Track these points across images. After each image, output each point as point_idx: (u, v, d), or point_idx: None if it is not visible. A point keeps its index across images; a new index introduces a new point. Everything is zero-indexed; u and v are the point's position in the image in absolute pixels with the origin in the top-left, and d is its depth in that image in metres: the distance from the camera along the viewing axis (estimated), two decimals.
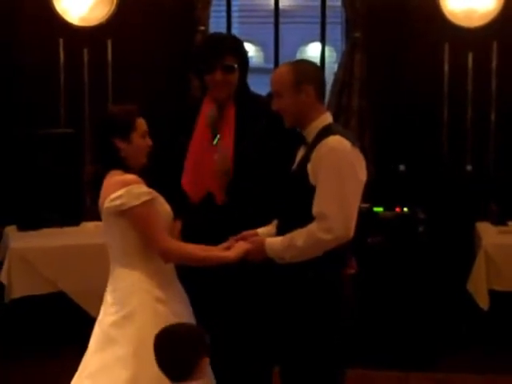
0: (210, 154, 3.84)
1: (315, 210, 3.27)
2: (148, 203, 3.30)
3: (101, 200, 3.38)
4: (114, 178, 3.35)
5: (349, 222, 3.28)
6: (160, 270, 3.36)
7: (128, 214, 3.29)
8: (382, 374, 5.17)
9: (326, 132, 3.36)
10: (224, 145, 3.82)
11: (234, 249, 3.42)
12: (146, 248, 3.33)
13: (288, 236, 3.34)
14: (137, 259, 3.34)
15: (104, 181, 3.38)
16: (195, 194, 3.87)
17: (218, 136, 3.83)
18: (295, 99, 3.38)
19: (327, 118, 3.44)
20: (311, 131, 3.41)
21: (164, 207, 3.43)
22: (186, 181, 3.89)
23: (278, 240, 3.38)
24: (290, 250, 3.31)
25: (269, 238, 3.43)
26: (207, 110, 3.90)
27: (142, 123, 3.41)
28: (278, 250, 3.35)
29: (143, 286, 3.32)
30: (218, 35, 4.21)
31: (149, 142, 3.43)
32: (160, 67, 6.34)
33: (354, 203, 3.32)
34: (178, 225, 3.90)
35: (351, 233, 3.29)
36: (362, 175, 3.37)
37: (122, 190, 3.29)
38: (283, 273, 3.40)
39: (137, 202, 3.28)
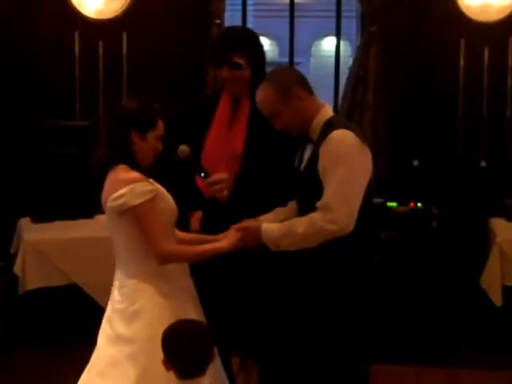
0: (222, 150, 3.84)
1: (319, 201, 3.26)
2: (149, 202, 3.28)
3: (104, 196, 3.37)
4: (119, 174, 3.33)
5: (351, 215, 3.27)
6: (165, 266, 3.35)
7: (129, 213, 3.28)
8: (397, 369, 5.17)
9: (329, 127, 3.33)
10: (235, 141, 3.83)
11: (226, 238, 3.41)
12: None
13: (286, 223, 3.32)
14: (142, 256, 3.33)
15: (109, 174, 3.37)
16: (205, 190, 3.87)
17: (203, 174, 3.80)
18: (291, 109, 3.35)
19: (327, 112, 3.41)
20: (315, 128, 3.38)
21: (168, 203, 3.41)
22: (200, 180, 3.88)
23: (275, 226, 3.36)
24: (287, 237, 3.30)
25: (265, 223, 3.41)
26: (224, 105, 3.89)
27: (161, 126, 3.39)
28: (274, 237, 3.33)
29: (150, 282, 3.32)
30: (229, 31, 4.13)
31: (160, 146, 3.41)
32: (175, 60, 6.33)
33: (358, 196, 3.30)
34: (199, 214, 3.91)
35: (352, 226, 3.26)
36: (367, 166, 3.35)
37: (125, 188, 3.27)
38: (295, 269, 3.40)
39: (138, 201, 3.26)
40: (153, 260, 3.32)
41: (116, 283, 3.40)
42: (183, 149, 3.78)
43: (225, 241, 3.40)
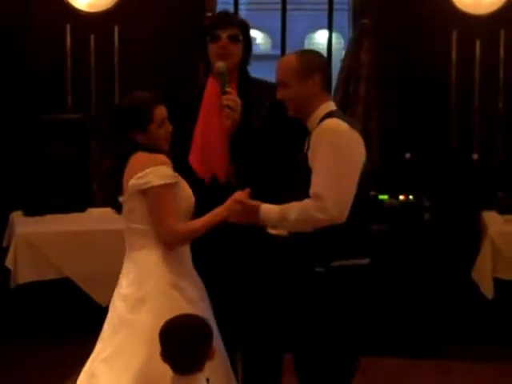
0: (214, 131, 3.83)
1: (311, 190, 3.26)
2: (169, 186, 3.30)
3: (126, 177, 3.36)
4: (143, 156, 3.34)
5: (343, 204, 3.25)
6: (176, 256, 3.36)
7: (148, 193, 3.29)
8: (389, 362, 5.19)
9: (325, 118, 3.34)
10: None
11: (225, 205, 3.39)
12: None
13: (283, 207, 3.32)
14: (155, 242, 3.33)
15: (131, 160, 3.36)
16: (203, 173, 3.85)
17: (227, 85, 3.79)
18: (301, 88, 3.36)
19: (329, 106, 3.41)
20: (314, 120, 3.39)
21: (186, 192, 3.43)
22: (194, 160, 3.85)
23: (273, 208, 3.35)
24: (283, 221, 3.31)
25: (265, 204, 3.39)
26: (211, 89, 3.87)
27: (159, 112, 3.38)
28: (271, 218, 3.35)
29: (159, 270, 3.32)
30: (223, 11, 4.23)
31: (168, 128, 3.41)
32: (167, 54, 6.32)
33: (351, 185, 3.29)
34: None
35: (345, 215, 3.25)
36: (360, 156, 3.34)
37: (150, 168, 3.29)
38: (291, 266, 3.40)
39: (159, 182, 3.28)
40: (165, 249, 3.32)
41: (124, 271, 3.41)
42: (220, 64, 3.77)
43: (220, 207, 3.38)
